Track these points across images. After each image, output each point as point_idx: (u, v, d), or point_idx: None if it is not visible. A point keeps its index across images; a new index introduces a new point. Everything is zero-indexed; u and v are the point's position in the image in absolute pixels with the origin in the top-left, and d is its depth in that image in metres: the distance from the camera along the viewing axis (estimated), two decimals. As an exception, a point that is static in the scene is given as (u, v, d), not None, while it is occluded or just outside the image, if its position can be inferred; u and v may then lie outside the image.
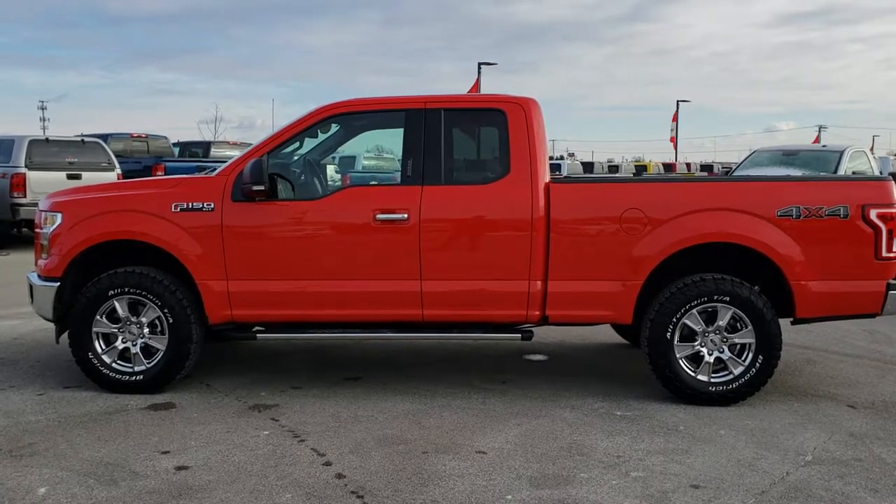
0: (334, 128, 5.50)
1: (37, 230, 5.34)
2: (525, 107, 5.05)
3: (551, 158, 42.08)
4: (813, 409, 4.87)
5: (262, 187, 4.82)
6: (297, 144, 5.32)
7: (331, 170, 8.69)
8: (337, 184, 8.23)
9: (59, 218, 5.13)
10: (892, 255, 4.82)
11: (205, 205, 4.97)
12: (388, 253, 4.92)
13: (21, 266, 11.08)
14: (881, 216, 4.77)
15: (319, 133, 5.42)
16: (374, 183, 7.54)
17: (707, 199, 4.89)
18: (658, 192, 5.02)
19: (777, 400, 5.03)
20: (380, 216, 4.90)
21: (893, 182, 4.94)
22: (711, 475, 3.83)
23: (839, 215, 4.78)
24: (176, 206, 4.98)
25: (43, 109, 62.95)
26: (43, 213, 5.27)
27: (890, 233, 4.79)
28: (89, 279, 5.12)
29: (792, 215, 4.78)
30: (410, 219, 4.89)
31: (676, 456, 4.08)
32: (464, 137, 5.34)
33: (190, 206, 4.98)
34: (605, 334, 6.73)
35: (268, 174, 4.84)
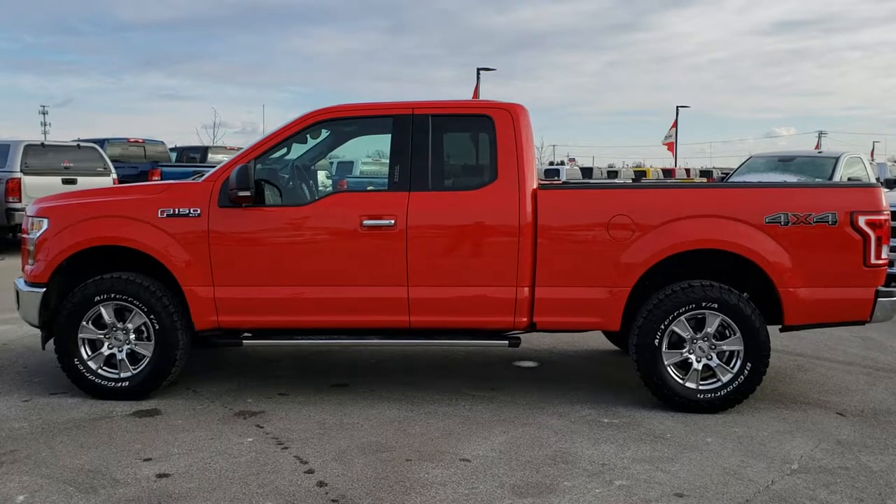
0: (323, 133, 5.49)
1: (23, 235, 5.33)
2: (513, 113, 5.03)
3: (551, 163, 42.22)
4: (801, 417, 4.84)
5: (248, 193, 4.80)
6: (284, 150, 5.31)
7: (322, 175, 8.70)
8: (328, 189, 8.23)
9: (45, 223, 5.11)
10: (880, 262, 4.79)
11: (191, 210, 4.96)
12: (375, 259, 4.90)
13: (15, 271, 11.06)
14: (870, 223, 4.75)
15: (308, 138, 5.41)
16: (370, 188, 7.53)
17: (695, 206, 4.87)
18: (646, 198, 5.00)
19: (766, 407, 5.00)
20: (366, 222, 4.88)
21: (882, 189, 4.93)
22: (696, 484, 3.80)
23: (827, 222, 4.76)
24: (163, 212, 4.97)
25: (44, 114, 63.00)
26: (29, 219, 5.26)
27: (878, 240, 4.76)
28: (76, 285, 5.10)
29: (780, 222, 4.76)
30: (397, 225, 4.87)
31: (662, 464, 4.05)
32: (451, 143, 5.31)
33: (176, 212, 4.96)
34: (597, 340, 6.70)
35: (254, 180, 4.83)
